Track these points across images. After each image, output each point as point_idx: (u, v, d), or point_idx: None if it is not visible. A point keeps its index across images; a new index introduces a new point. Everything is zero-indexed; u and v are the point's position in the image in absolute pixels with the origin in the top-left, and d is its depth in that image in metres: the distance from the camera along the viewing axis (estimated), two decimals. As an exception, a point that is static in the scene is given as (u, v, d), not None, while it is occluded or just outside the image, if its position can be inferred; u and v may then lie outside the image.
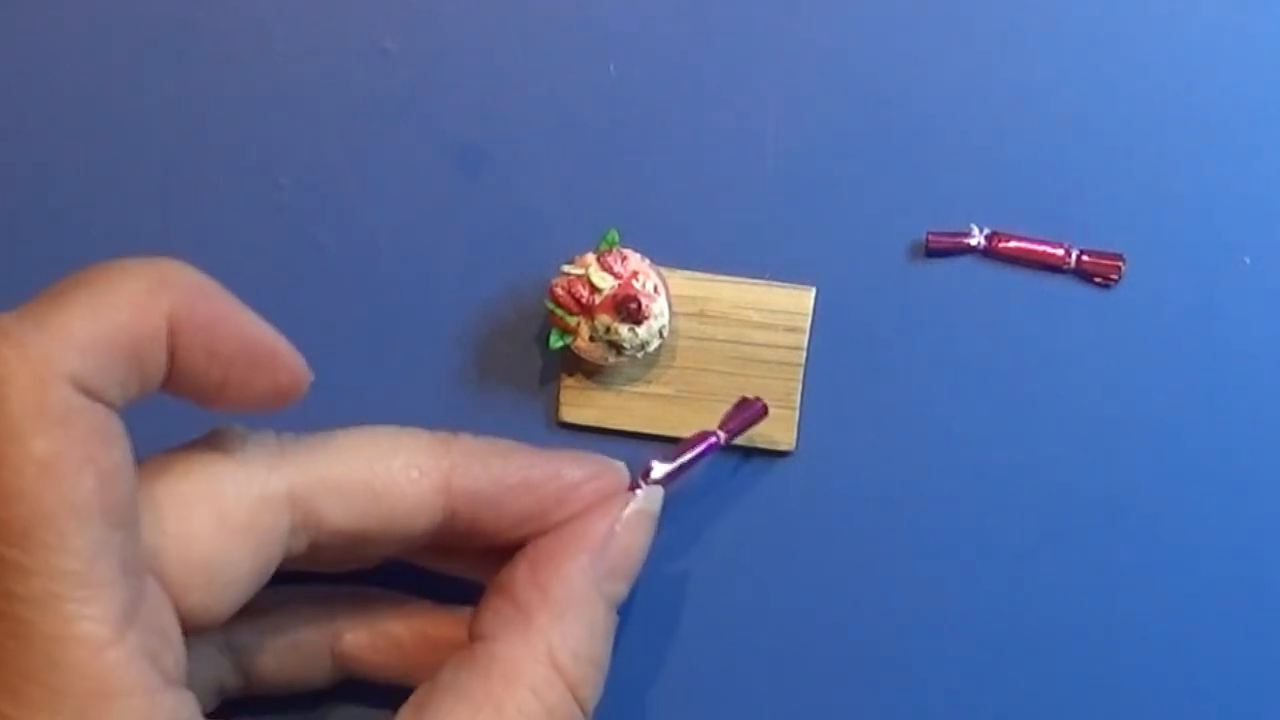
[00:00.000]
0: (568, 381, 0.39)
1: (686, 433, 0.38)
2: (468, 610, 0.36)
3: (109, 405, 0.30)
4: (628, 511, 0.36)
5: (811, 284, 0.39)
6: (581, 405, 0.39)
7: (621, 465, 0.36)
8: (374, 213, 0.40)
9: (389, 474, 0.34)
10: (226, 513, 0.32)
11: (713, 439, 0.37)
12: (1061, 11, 0.39)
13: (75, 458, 0.29)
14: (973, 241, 0.38)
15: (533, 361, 0.39)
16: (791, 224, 0.39)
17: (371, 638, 0.37)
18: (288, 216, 0.40)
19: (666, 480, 0.36)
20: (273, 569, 0.33)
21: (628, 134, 0.40)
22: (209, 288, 0.31)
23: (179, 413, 0.32)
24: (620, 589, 0.36)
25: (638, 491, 0.36)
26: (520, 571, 0.35)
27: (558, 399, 0.39)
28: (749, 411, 0.38)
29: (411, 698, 0.34)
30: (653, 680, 0.38)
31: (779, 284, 0.39)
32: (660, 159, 0.40)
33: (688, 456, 0.37)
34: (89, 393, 0.29)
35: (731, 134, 0.40)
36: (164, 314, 0.30)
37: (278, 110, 0.40)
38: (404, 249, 0.40)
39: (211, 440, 0.33)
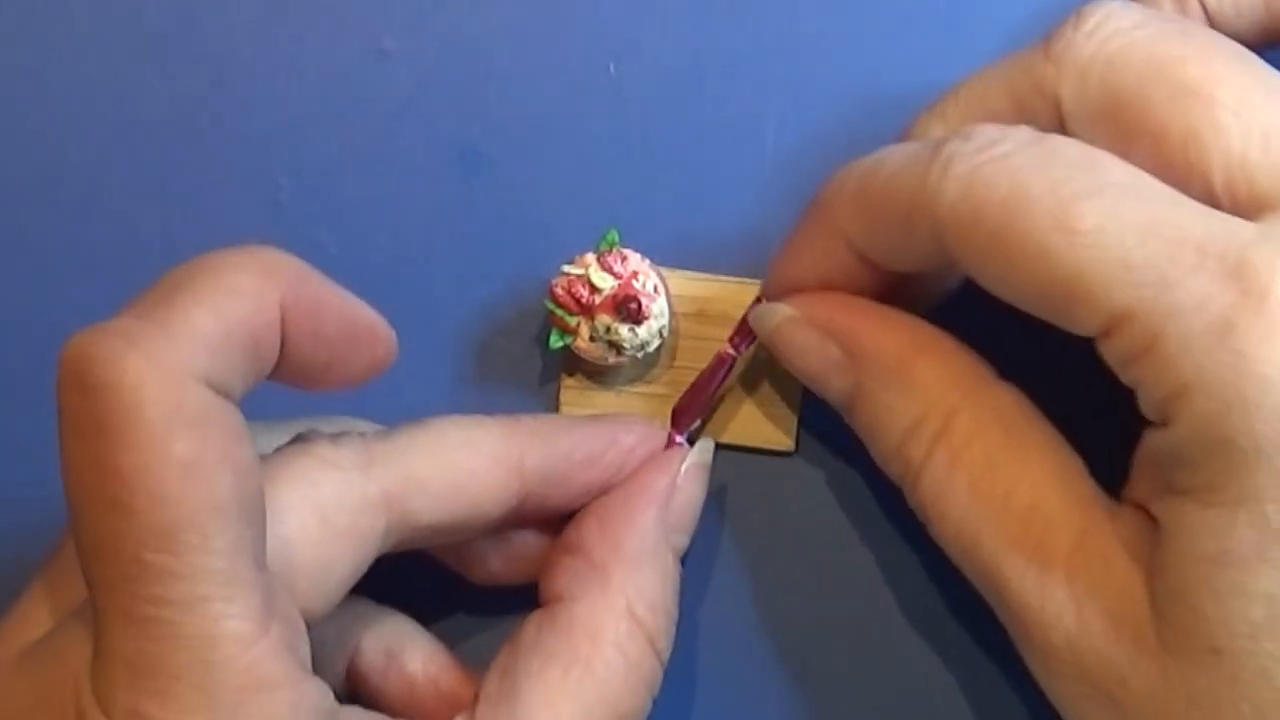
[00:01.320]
0: (568, 381, 0.39)
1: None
2: (481, 671, 0.36)
3: (233, 400, 0.30)
4: (685, 465, 0.37)
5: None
6: (581, 405, 0.39)
7: (657, 424, 0.38)
8: (374, 213, 0.40)
9: (471, 466, 0.34)
10: (328, 517, 0.32)
11: (727, 356, 0.38)
12: (1062, 11, 0.39)
13: (214, 458, 0.29)
14: None
15: (533, 361, 0.39)
16: (791, 224, 0.39)
17: (385, 667, 0.36)
18: (288, 216, 0.40)
19: (697, 415, 0.38)
20: (365, 569, 0.33)
21: (628, 134, 0.40)
22: (307, 271, 0.32)
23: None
24: (684, 540, 0.37)
25: (681, 443, 0.38)
26: (591, 530, 0.36)
27: (558, 399, 0.39)
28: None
29: (495, 662, 0.34)
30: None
31: (779, 284, 0.39)
32: (660, 159, 0.40)
33: (712, 387, 0.38)
34: (218, 390, 0.29)
35: (731, 134, 0.40)
36: (277, 302, 0.31)
37: (278, 110, 0.40)
38: (404, 249, 0.40)
39: (303, 446, 0.33)
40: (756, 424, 0.39)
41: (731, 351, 0.38)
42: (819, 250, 0.36)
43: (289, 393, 0.33)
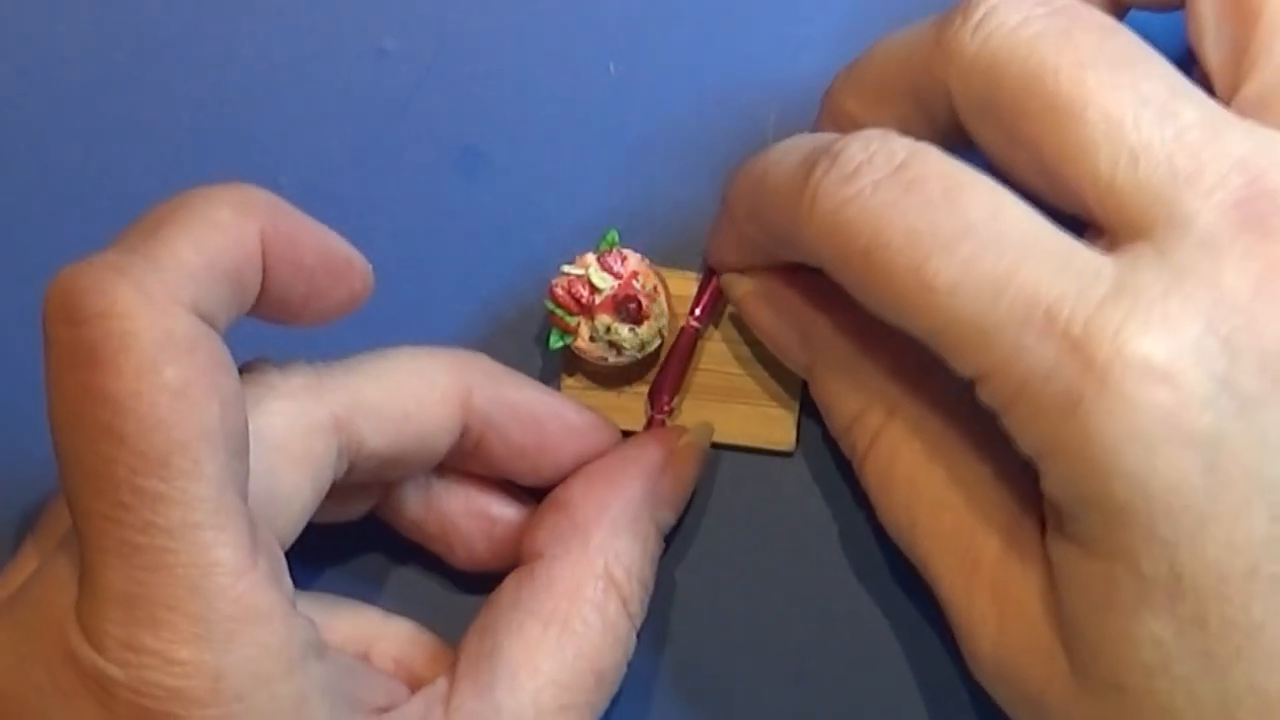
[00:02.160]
0: (568, 381, 0.39)
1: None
2: (450, 646, 0.36)
3: (218, 331, 0.30)
4: (681, 442, 0.37)
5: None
6: (581, 405, 0.39)
7: (614, 425, 0.38)
8: (374, 213, 0.40)
9: (418, 393, 0.34)
10: (283, 445, 0.32)
11: (691, 329, 0.38)
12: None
13: (203, 385, 0.29)
14: None
15: (533, 361, 0.39)
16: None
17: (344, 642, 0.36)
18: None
19: (673, 392, 0.38)
20: (323, 495, 0.33)
21: (628, 134, 0.40)
22: (284, 205, 0.32)
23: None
24: (669, 518, 0.37)
25: (662, 422, 0.38)
26: (577, 490, 0.36)
27: (558, 399, 0.39)
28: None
29: (474, 621, 0.35)
30: (652, 680, 0.38)
31: (779, 284, 0.39)
32: (660, 159, 0.40)
33: (682, 363, 0.38)
34: (205, 320, 0.30)
35: (731, 134, 0.40)
36: (257, 234, 0.31)
37: (278, 110, 0.40)
38: (404, 249, 0.40)
39: (252, 375, 0.33)
40: (756, 424, 0.39)
41: (695, 324, 0.38)
42: (734, 239, 0.37)
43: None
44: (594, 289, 0.37)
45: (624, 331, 0.37)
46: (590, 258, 0.37)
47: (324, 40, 0.41)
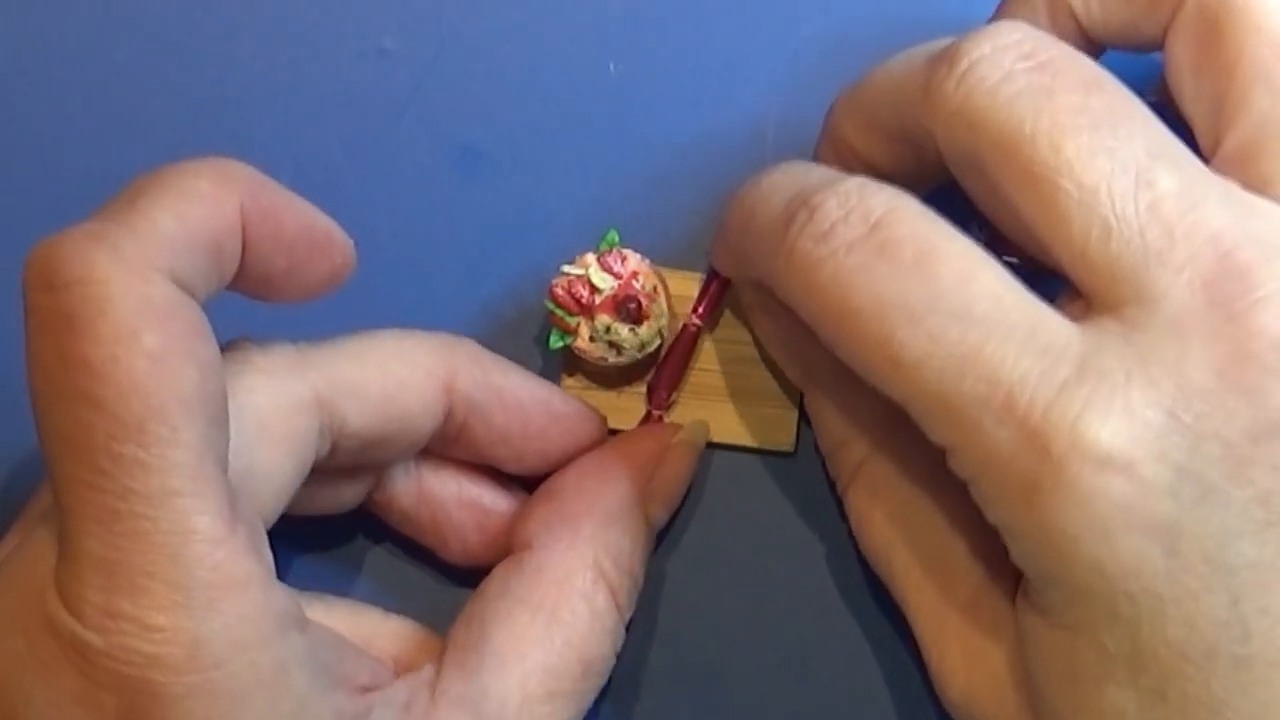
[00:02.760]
0: (568, 382, 0.39)
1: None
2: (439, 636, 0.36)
3: (197, 301, 0.30)
4: (676, 439, 0.37)
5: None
6: (581, 405, 0.39)
7: (601, 416, 0.38)
8: (374, 213, 0.40)
9: (401, 374, 0.35)
10: (264, 421, 0.32)
11: (693, 327, 0.38)
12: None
13: (181, 351, 0.29)
14: None
15: (533, 361, 0.39)
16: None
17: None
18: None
19: (671, 389, 0.38)
20: (306, 473, 0.34)
21: (628, 134, 0.40)
22: (265, 178, 0.32)
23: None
24: (661, 515, 0.37)
25: (660, 417, 0.38)
26: (568, 481, 0.36)
27: (558, 399, 0.39)
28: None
29: (463, 611, 0.35)
30: (652, 680, 0.38)
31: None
32: (660, 159, 0.40)
33: (681, 360, 0.38)
34: (183, 288, 0.30)
35: (731, 134, 0.40)
36: (236, 206, 0.31)
37: (278, 110, 0.40)
38: (404, 249, 0.40)
39: (233, 354, 0.33)
40: (756, 424, 0.39)
41: (697, 322, 0.38)
42: (731, 257, 0.37)
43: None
44: (594, 289, 0.37)
45: (624, 331, 0.37)
46: (590, 258, 0.37)
47: (324, 40, 0.41)
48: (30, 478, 0.37)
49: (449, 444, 0.36)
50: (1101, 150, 0.30)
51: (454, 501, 0.37)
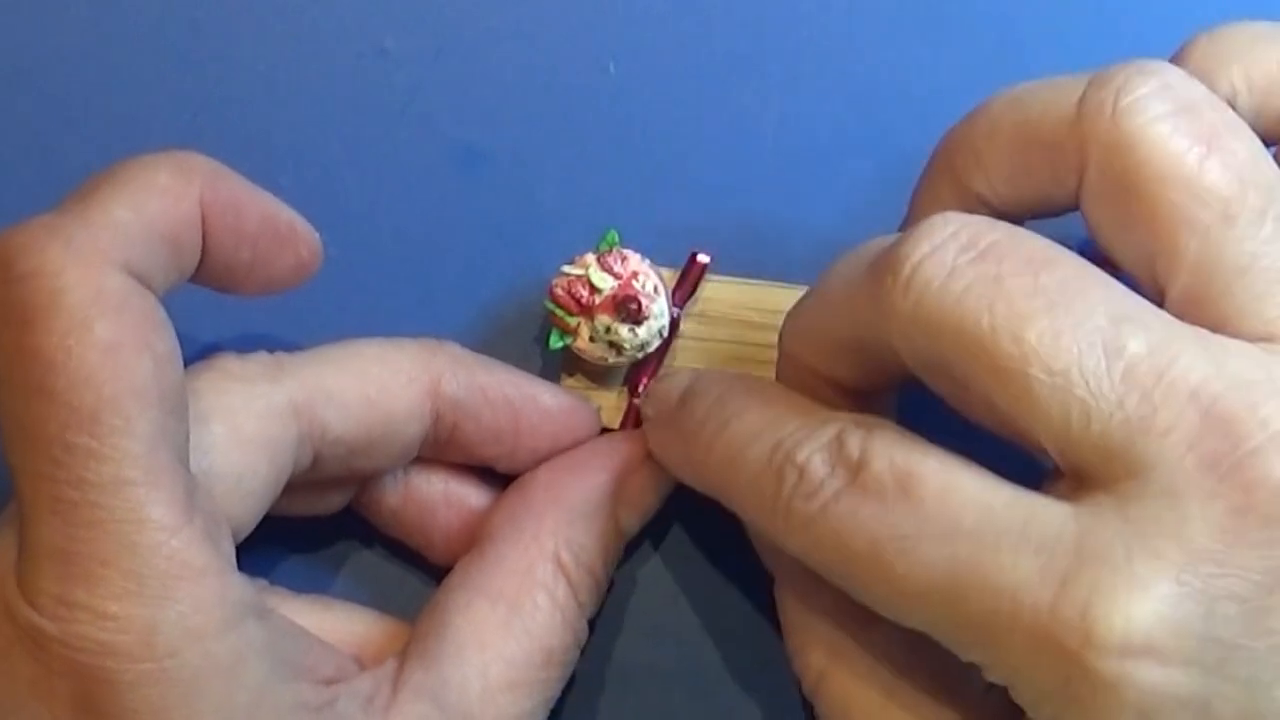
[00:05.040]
0: (568, 382, 0.39)
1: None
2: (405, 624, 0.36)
3: (154, 293, 0.30)
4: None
5: (811, 284, 0.39)
6: (581, 405, 0.39)
7: (594, 408, 0.38)
8: (374, 213, 0.40)
9: (382, 380, 0.35)
10: (236, 425, 0.32)
11: (671, 314, 0.38)
12: (1062, 12, 0.39)
13: (135, 342, 0.29)
14: None
15: (533, 362, 0.39)
16: (791, 224, 0.39)
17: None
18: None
19: (650, 377, 0.38)
20: (284, 481, 0.34)
21: (628, 134, 0.40)
22: (225, 171, 0.33)
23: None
24: (633, 521, 0.37)
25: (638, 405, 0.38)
26: (539, 475, 0.36)
27: (558, 399, 0.39)
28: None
29: (427, 605, 0.35)
30: (652, 680, 0.38)
31: (779, 284, 0.39)
32: (660, 159, 0.40)
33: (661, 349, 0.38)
34: (138, 280, 0.30)
35: (731, 134, 0.40)
36: (195, 198, 0.31)
37: (278, 110, 0.40)
38: (404, 249, 0.40)
39: (208, 363, 0.33)
40: (756, 424, 0.39)
41: (675, 309, 0.38)
42: (697, 478, 0.36)
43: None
44: (594, 289, 0.37)
45: (624, 332, 0.37)
46: (590, 258, 0.37)
47: (324, 40, 0.41)
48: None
49: (441, 448, 0.36)
50: (1064, 329, 0.29)
51: (440, 502, 0.37)
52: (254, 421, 0.33)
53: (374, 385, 0.34)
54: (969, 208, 0.34)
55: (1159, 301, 0.31)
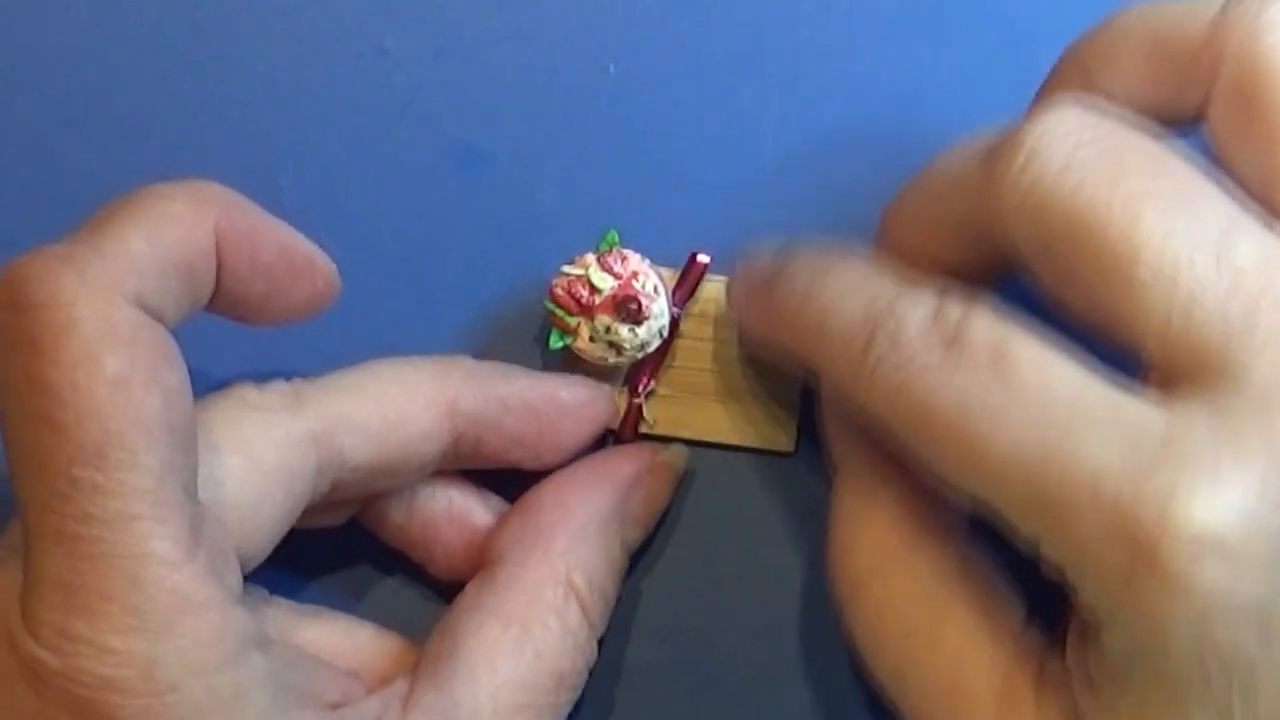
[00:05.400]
0: (568, 381, 0.39)
1: (686, 433, 0.39)
2: (412, 644, 0.36)
3: (166, 324, 0.30)
4: (655, 460, 0.38)
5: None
6: (581, 405, 0.39)
7: (608, 390, 0.38)
8: (374, 213, 0.40)
9: (400, 403, 0.34)
10: (254, 455, 0.32)
11: (671, 314, 0.38)
12: (1063, 12, 0.39)
13: (144, 377, 0.29)
14: None
15: (533, 362, 0.39)
16: (791, 224, 0.39)
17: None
18: (288, 216, 0.40)
19: (651, 375, 0.38)
20: (300, 511, 0.34)
21: (628, 134, 0.40)
22: (243, 201, 0.32)
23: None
24: (636, 535, 0.37)
25: (639, 403, 0.38)
26: (544, 496, 0.36)
27: (558, 399, 0.39)
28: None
29: (438, 625, 0.35)
30: (652, 680, 0.38)
31: (779, 284, 0.39)
32: (660, 159, 0.40)
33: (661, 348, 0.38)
34: (151, 313, 0.30)
35: (731, 134, 0.40)
36: (210, 228, 0.31)
37: (278, 110, 0.40)
38: (404, 249, 0.40)
39: (226, 393, 0.33)
40: (756, 424, 0.39)
41: (675, 310, 0.38)
42: (769, 326, 0.36)
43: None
44: (594, 289, 0.37)
45: (624, 332, 0.37)
46: (590, 258, 0.37)
47: (324, 40, 0.41)
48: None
49: (464, 460, 0.36)
50: (1176, 226, 0.30)
51: (443, 517, 0.37)
52: (273, 452, 0.33)
53: (392, 409, 0.34)
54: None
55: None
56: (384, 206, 0.40)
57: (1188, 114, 0.33)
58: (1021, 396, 0.30)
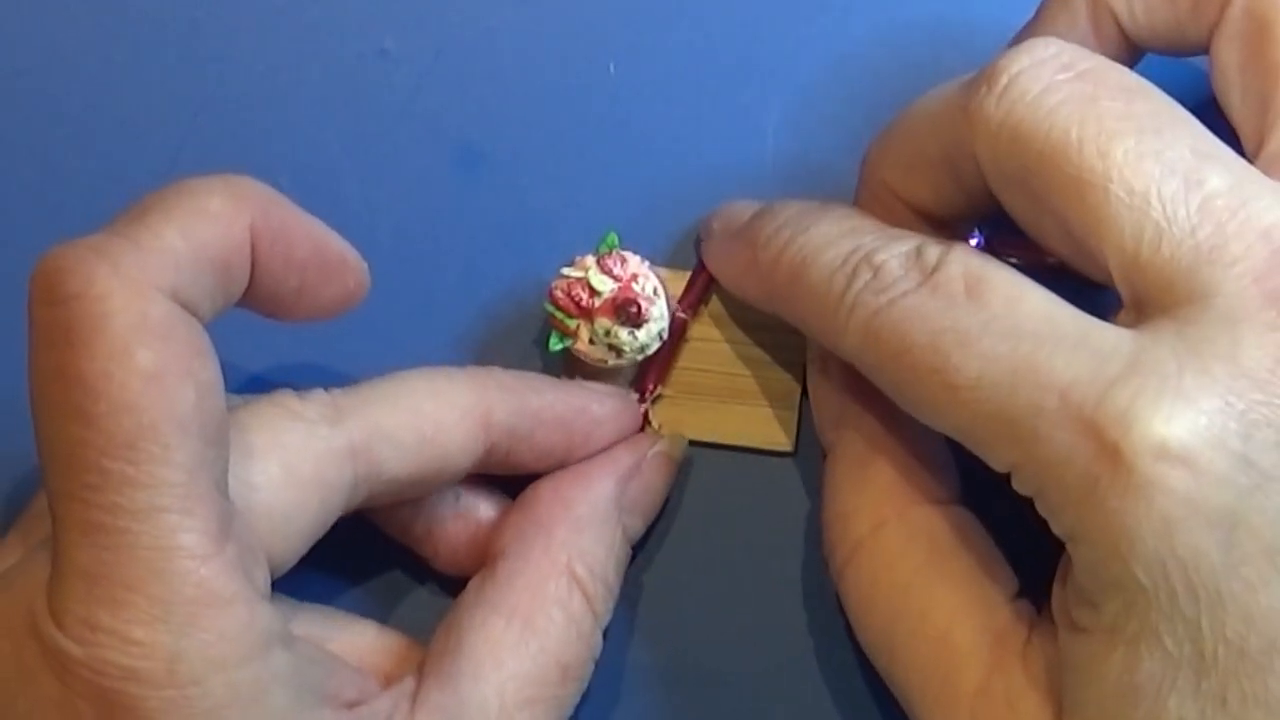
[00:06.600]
0: (568, 383, 0.39)
1: (687, 433, 0.39)
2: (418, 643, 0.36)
3: (201, 319, 0.30)
4: (652, 451, 0.38)
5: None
6: (581, 406, 0.39)
7: (634, 399, 0.38)
8: (374, 213, 0.40)
9: (436, 416, 0.34)
10: (292, 465, 0.32)
11: (679, 320, 0.38)
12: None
13: (177, 371, 0.29)
14: (973, 244, 0.38)
15: (533, 364, 0.39)
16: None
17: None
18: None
19: (658, 380, 0.38)
20: (331, 523, 0.34)
21: (628, 134, 0.40)
22: (278, 197, 0.32)
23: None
24: (637, 525, 0.37)
25: (646, 408, 0.38)
26: (544, 490, 0.36)
27: (558, 400, 0.39)
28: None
29: (442, 621, 0.35)
30: (652, 680, 0.38)
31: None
32: (660, 159, 0.40)
33: (668, 352, 0.38)
34: (186, 307, 0.30)
35: (731, 134, 0.40)
36: (246, 225, 0.31)
37: (278, 110, 0.40)
38: (404, 249, 0.40)
39: (270, 399, 0.33)
40: (756, 424, 0.39)
41: (683, 315, 0.38)
42: (757, 287, 0.37)
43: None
44: (593, 292, 0.37)
45: (624, 334, 0.37)
46: (590, 260, 0.37)
47: (324, 40, 0.40)
48: (33, 485, 0.37)
49: (490, 468, 0.36)
50: (1149, 153, 0.30)
51: (450, 514, 0.37)
52: (311, 463, 0.32)
53: (429, 423, 0.34)
54: (1102, 24, 0.35)
55: (1251, 160, 0.32)
56: (383, 207, 0.40)
57: (1193, 40, 0.34)
58: (992, 320, 0.31)
